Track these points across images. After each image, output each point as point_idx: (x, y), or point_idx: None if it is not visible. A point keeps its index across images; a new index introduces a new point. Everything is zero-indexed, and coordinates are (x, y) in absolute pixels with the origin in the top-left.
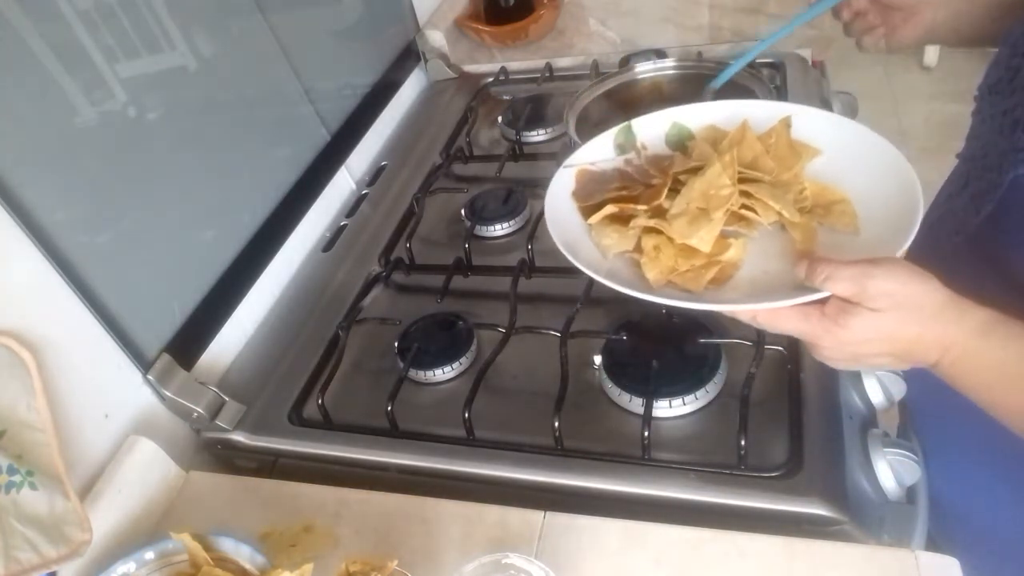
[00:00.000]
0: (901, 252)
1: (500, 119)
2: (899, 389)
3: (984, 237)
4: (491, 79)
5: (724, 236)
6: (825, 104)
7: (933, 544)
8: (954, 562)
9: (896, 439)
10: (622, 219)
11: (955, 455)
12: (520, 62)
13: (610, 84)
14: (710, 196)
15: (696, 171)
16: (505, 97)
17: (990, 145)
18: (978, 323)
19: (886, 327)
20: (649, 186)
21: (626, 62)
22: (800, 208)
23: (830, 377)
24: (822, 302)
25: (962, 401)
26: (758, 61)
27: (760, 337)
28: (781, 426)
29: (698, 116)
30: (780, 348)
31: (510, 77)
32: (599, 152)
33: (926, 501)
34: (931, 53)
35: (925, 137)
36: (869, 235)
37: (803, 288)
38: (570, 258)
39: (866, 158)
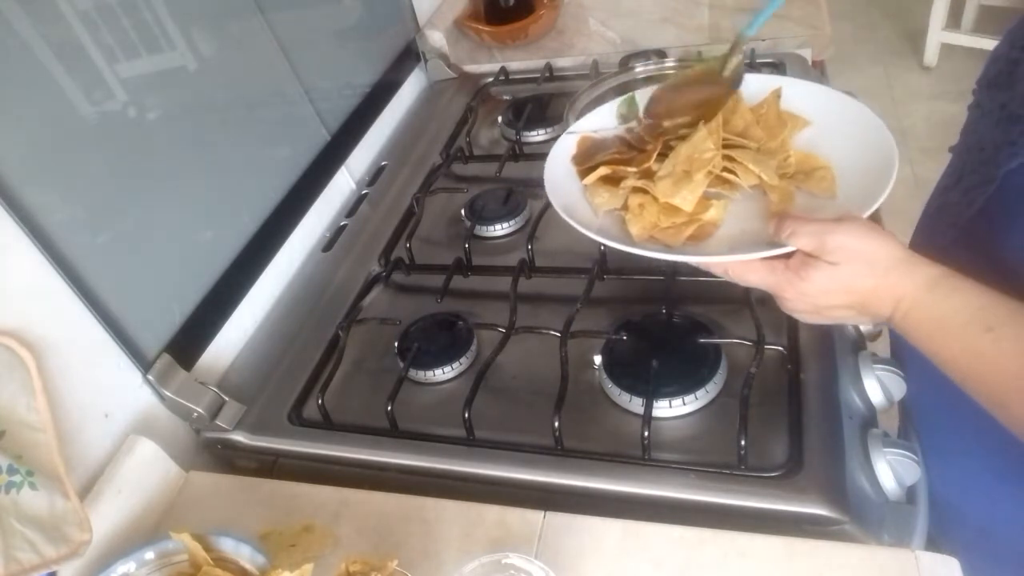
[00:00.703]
0: (868, 213)
1: (500, 119)
2: (899, 389)
3: (978, 230)
4: (491, 79)
5: (707, 197)
6: None
7: (933, 544)
8: (954, 562)
9: (896, 439)
10: (614, 180)
11: (955, 455)
12: (520, 62)
13: (610, 84)
14: (694, 159)
15: (686, 138)
16: (505, 97)
17: (986, 139)
18: (927, 277)
19: (843, 279)
20: (642, 151)
21: (626, 62)
22: (782, 174)
23: (830, 377)
24: (789, 257)
25: (962, 401)
26: (758, 61)
27: (760, 337)
28: (781, 426)
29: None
30: (780, 348)
31: (510, 77)
32: (602, 121)
33: (926, 501)
34: (931, 53)
35: (925, 137)
36: (845, 199)
37: (773, 244)
38: (564, 216)
39: (850, 126)
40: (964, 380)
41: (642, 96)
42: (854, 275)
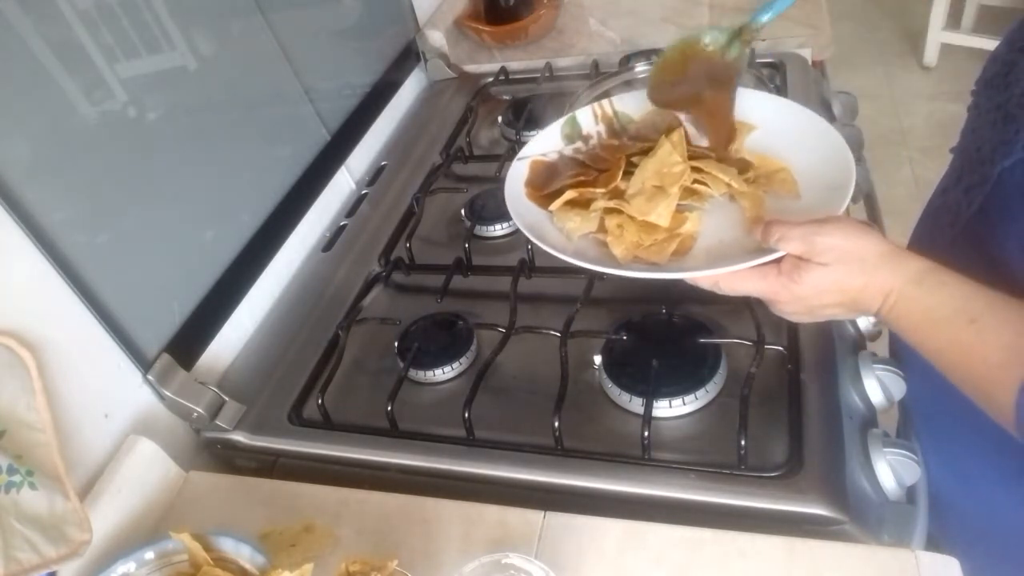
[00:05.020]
0: (842, 209)
1: (500, 119)
2: (899, 389)
3: (977, 229)
4: (491, 79)
5: (679, 210)
6: (825, 104)
7: (933, 544)
8: (954, 562)
9: (896, 439)
10: (582, 203)
11: (955, 455)
12: (520, 62)
13: (610, 84)
14: (664, 174)
15: (647, 152)
16: (505, 97)
17: (983, 139)
18: (914, 271)
19: (834, 278)
20: (603, 170)
21: (626, 62)
22: (746, 179)
23: (830, 377)
24: (777, 262)
25: (962, 400)
26: (758, 61)
27: (760, 337)
28: (781, 426)
29: (640, 102)
30: (780, 348)
31: (510, 77)
32: (549, 143)
33: (926, 501)
34: (931, 53)
35: (925, 137)
36: (810, 198)
37: (759, 251)
38: (537, 243)
39: (799, 130)
40: (950, 371)
41: (583, 115)
42: (845, 273)
